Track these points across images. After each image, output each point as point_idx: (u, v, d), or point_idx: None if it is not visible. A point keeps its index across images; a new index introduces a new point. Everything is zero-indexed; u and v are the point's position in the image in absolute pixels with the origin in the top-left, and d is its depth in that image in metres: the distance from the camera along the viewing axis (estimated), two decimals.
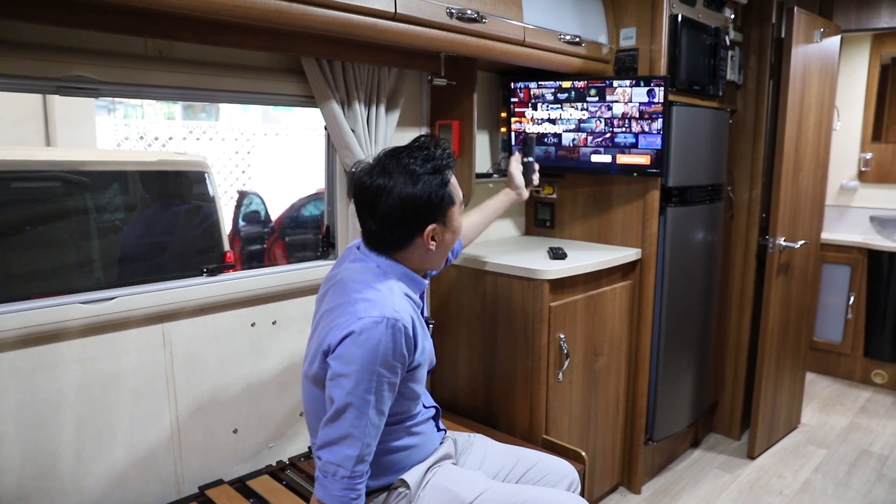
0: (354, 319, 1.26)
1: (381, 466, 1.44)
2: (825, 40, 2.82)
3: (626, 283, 2.44)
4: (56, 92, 1.54)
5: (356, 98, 1.97)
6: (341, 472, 1.25)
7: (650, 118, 2.26)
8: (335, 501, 1.26)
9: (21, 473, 1.56)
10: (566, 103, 2.39)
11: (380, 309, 1.28)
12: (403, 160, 1.36)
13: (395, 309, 1.29)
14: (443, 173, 1.38)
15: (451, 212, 1.42)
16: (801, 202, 2.90)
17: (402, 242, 1.40)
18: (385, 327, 1.26)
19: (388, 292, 1.33)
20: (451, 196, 1.40)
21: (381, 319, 1.26)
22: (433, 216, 1.38)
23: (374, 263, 1.41)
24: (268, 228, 5.13)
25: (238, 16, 1.45)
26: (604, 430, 2.44)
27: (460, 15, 1.84)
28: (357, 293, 1.32)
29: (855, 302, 3.79)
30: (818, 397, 3.66)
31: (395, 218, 1.36)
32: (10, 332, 1.50)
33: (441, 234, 1.42)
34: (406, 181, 1.34)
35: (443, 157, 1.39)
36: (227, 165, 6.42)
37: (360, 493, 1.28)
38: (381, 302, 1.29)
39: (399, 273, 1.41)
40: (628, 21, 2.44)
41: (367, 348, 1.24)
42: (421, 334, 1.38)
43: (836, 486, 2.69)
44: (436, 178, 1.36)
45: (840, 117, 3.92)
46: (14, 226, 2.33)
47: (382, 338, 1.25)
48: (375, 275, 1.38)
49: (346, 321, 1.27)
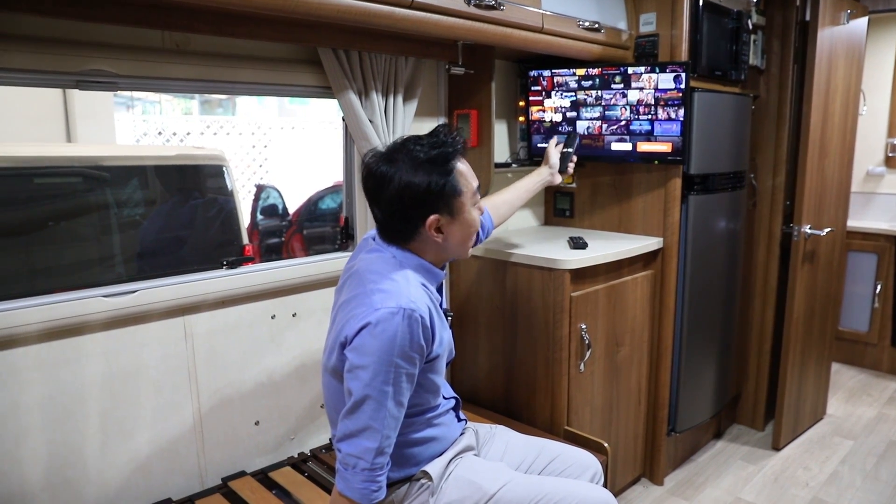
0: (371, 311, 1.25)
1: (402, 458, 1.44)
2: (852, 22, 2.75)
3: (648, 273, 2.41)
4: (76, 86, 1.54)
5: (373, 88, 1.96)
6: (361, 465, 1.25)
7: (671, 105, 2.22)
8: (356, 494, 1.25)
9: (47, 465, 1.58)
10: (591, 90, 2.35)
11: (396, 299, 1.26)
12: (409, 146, 1.33)
13: (412, 299, 1.27)
14: (447, 162, 1.33)
15: (456, 202, 1.36)
16: (827, 189, 2.83)
17: (407, 232, 1.37)
18: (402, 318, 1.24)
19: (403, 282, 1.31)
20: (454, 185, 1.34)
21: (397, 310, 1.24)
22: (434, 206, 1.33)
23: (390, 254, 1.39)
24: (285, 222, 5.15)
25: (254, 6, 1.44)
26: (626, 421, 2.42)
27: (478, 2, 1.82)
28: (373, 284, 1.30)
29: (882, 291, 3.71)
30: (844, 387, 3.60)
31: (396, 206, 1.33)
32: (34, 325, 1.51)
33: (448, 227, 1.37)
34: (408, 168, 1.31)
35: (450, 145, 1.34)
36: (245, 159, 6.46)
37: (381, 484, 1.28)
38: (397, 292, 1.28)
39: (414, 264, 1.39)
40: (648, 6, 2.39)
41: (383, 339, 1.23)
42: (439, 325, 1.37)
43: (864, 479, 2.64)
44: (438, 167, 1.31)
45: (866, 101, 3.82)
46: (37, 221, 2.36)
47: (399, 328, 1.24)
48: (391, 265, 1.36)
49: (362, 312, 1.26)
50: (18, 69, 1.45)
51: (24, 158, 2.41)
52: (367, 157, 1.39)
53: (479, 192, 1.45)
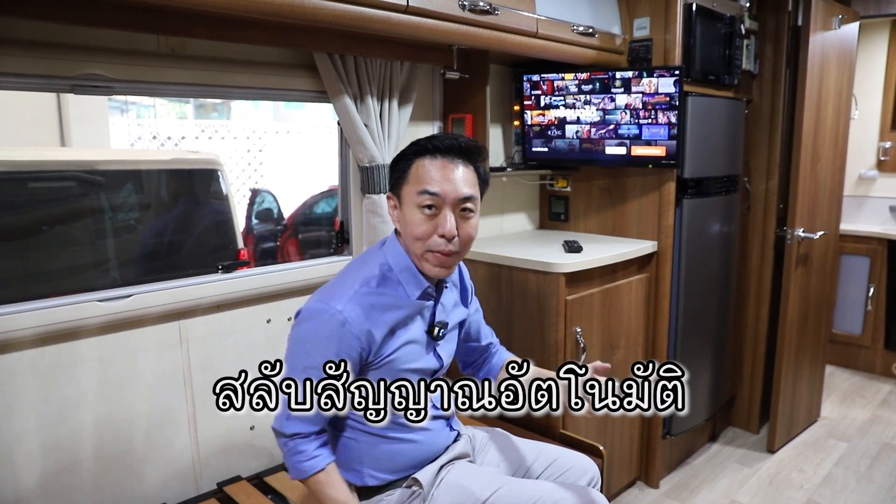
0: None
1: (379, 455, 1.42)
2: (843, 27, 2.77)
3: (642, 276, 2.42)
4: (71, 90, 1.54)
5: (369, 93, 1.96)
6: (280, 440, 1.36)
7: (665, 109, 2.24)
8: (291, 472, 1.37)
9: (42, 470, 1.57)
10: (585, 94, 2.36)
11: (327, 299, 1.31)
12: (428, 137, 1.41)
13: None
14: (418, 146, 1.35)
15: (402, 188, 1.35)
16: (820, 192, 2.85)
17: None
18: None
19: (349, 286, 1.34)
20: (403, 171, 1.35)
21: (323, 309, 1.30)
22: (391, 184, 1.41)
23: (379, 251, 1.43)
24: (280, 226, 5.14)
25: (251, 11, 1.44)
26: (621, 424, 2.42)
27: (473, 7, 1.83)
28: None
29: (875, 293, 3.73)
30: (838, 390, 3.62)
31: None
32: (30, 330, 1.51)
33: (398, 210, 1.38)
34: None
35: (436, 138, 1.35)
36: (240, 164, 6.45)
37: (306, 452, 1.34)
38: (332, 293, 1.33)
39: (401, 266, 1.39)
40: (642, 11, 2.41)
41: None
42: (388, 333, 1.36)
43: (858, 480, 2.65)
44: (404, 152, 1.37)
45: (858, 106, 3.85)
46: (31, 225, 2.35)
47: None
48: (357, 268, 1.40)
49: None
50: (14, 73, 1.45)
51: (19, 162, 2.40)
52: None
53: (445, 206, 1.33)
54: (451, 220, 1.33)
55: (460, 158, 1.35)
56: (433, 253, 1.35)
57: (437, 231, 1.33)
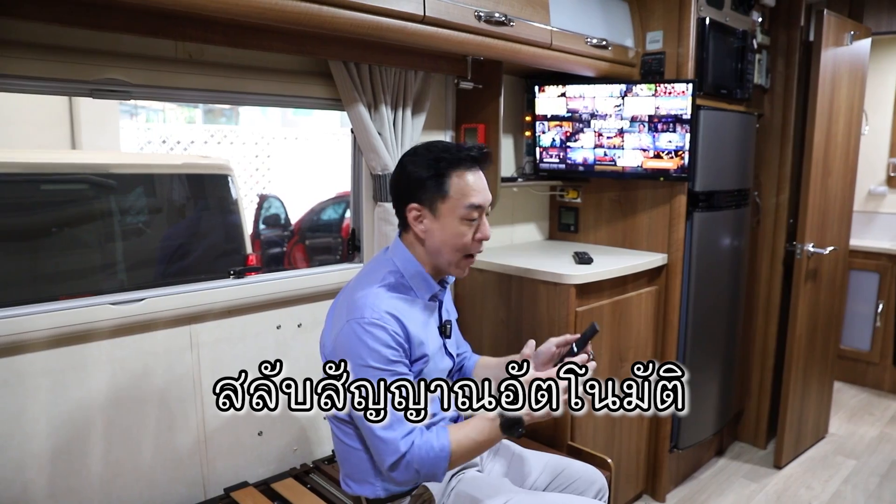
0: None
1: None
2: (855, 43, 2.77)
3: (652, 289, 2.42)
4: (90, 94, 1.55)
5: (383, 101, 1.97)
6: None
7: (678, 122, 2.24)
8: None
9: (51, 472, 1.57)
10: (597, 106, 2.37)
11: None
12: (432, 145, 1.41)
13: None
14: (439, 162, 1.36)
15: (441, 203, 1.37)
16: (830, 208, 2.85)
17: (399, 217, 1.43)
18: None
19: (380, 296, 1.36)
20: (442, 185, 1.36)
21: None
22: (416, 195, 1.38)
23: (388, 260, 1.43)
24: (287, 232, 5.15)
25: (269, 18, 1.45)
26: (629, 436, 2.41)
27: (488, 18, 1.84)
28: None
29: (884, 310, 3.71)
30: (846, 406, 3.59)
31: (392, 187, 1.43)
32: (42, 332, 1.51)
33: (430, 223, 1.38)
34: (412, 159, 1.39)
35: (455, 151, 1.37)
36: (248, 169, 6.48)
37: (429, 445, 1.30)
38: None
39: (412, 272, 1.41)
40: (655, 24, 2.42)
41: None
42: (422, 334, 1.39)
43: (867, 498, 2.63)
44: (434, 164, 1.36)
45: (868, 121, 3.85)
46: (43, 227, 2.37)
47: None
48: (369, 281, 1.40)
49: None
50: (34, 77, 1.47)
51: (32, 164, 2.42)
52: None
53: (483, 213, 1.41)
54: (487, 224, 1.43)
55: (479, 165, 1.42)
56: (470, 257, 1.44)
57: (475, 237, 1.41)
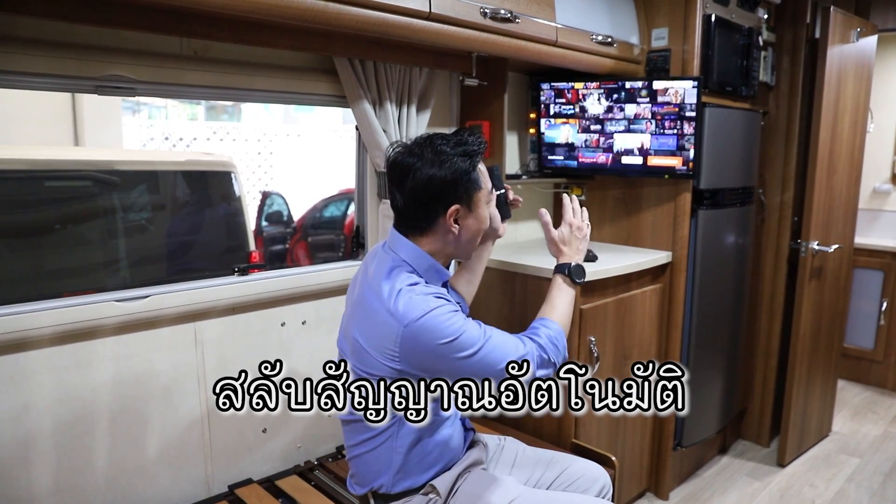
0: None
1: (413, 456, 1.42)
2: (861, 40, 2.76)
3: (656, 287, 2.41)
4: (95, 91, 1.55)
5: (387, 98, 1.97)
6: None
7: (682, 119, 2.23)
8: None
9: (55, 469, 1.57)
10: (602, 103, 2.36)
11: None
12: (436, 142, 1.38)
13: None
14: (472, 158, 1.38)
15: (476, 196, 1.40)
16: (835, 206, 2.84)
17: (426, 221, 1.39)
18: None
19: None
20: (477, 180, 1.39)
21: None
22: (457, 196, 1.37)
23: (396, 261, 1.40)
24: (290, 229, 5.15)
25: (275, 15, 1.45)
26: (632, 434, 2.41)
27: (494, 15, 1.83)
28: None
29: (888, 308, 3.70)
30: (849, 405, 3.58)
31: (419, 194, 1.36)
32: (46, 328, 1.51)
33: (465, 219, 1.39)
34: (434, 161, 1.35)
35: (474, 143, 1.39)
36: (250, 166, 6.47)
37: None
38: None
39: (425, 267, 1.40)
40: (660, 21, 2.41)
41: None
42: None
43: (871, 497, 2.63)
44: (464, 161, 1.36)
45: (874, 119, 3.83)
46: (47, 224, 2.37)
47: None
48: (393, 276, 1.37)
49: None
50: (39, 73, 1.46)
51: (36, 161, 2.41)
52: (390, 149, 1.43)
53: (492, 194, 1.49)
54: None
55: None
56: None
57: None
